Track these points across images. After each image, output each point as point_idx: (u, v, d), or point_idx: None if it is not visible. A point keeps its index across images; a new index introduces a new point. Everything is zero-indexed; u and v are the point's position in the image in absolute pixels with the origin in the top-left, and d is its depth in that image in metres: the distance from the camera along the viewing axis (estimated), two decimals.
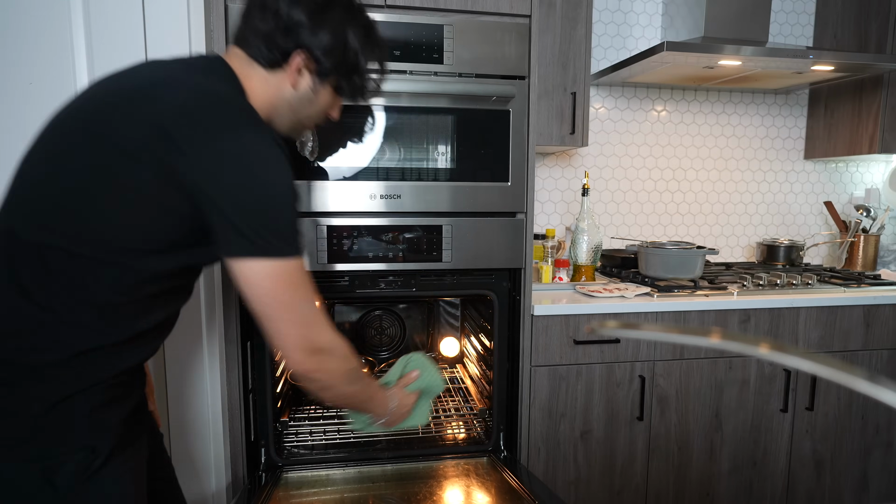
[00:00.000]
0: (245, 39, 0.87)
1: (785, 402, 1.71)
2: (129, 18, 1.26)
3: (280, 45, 0.85)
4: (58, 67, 1.24)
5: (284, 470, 1.41)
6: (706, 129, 2.26)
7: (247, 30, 0.87)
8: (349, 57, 0.89)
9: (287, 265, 0.77)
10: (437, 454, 1.48)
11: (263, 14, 0.85)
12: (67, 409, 0.72)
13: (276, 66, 0.86)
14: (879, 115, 1.99)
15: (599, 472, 1.63)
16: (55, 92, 1.24)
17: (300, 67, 0.87)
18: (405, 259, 1.39)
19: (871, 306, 1.72)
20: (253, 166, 0.74)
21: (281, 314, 0.79)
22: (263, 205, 0.75)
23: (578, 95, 1.77)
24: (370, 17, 0.93)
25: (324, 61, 0.87)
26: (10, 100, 1.22)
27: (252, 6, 0.87)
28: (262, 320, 0.79)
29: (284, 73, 0.87)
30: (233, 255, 0.75)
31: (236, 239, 0.74)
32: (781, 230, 2.37)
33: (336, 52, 0.87)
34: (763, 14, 1.92)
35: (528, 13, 1.40)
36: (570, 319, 1.55)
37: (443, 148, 1.39)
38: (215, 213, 0.74)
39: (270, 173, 0.75)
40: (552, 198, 2.17)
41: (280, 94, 0.88)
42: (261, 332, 0.82)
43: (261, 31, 0.85)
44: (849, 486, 1.81)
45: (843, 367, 0.30)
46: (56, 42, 1.23)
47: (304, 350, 0.82)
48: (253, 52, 0.86)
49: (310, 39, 0.85)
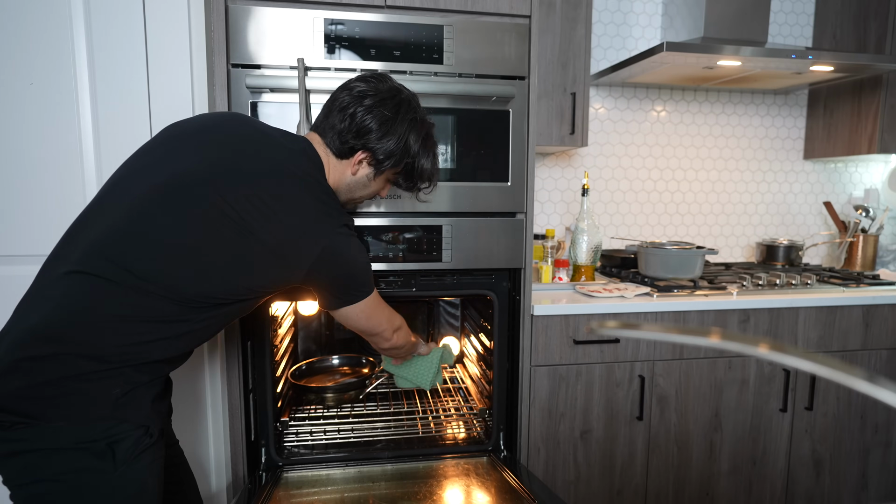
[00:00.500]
0: (324, 131, 1.08)
1: (784, 401, 1.71)
2: (130, 19, 1.26)
3: (350, 143, 1.06)
4: (58, 67, 1.24)
5: (285, 469, 1.41)
6: (706, 130, 2.27)
7: (326, 124, 1.08)
8: (407, 160, 1.10)
9: (370, 300, 1.12)
10: (437, 454, 1.49)
11: (343, 115, 1.05)
12: (139, 394, 0.88)
13: (344, 157, 1.08)
14: (878, 115, 1.99)
15: (599, 472, 1.63)
16: (55, 92, 1.24)
17: (361, 160, 1.08)
18: (405, 259, 1.39)
19: (870, 306, 1.73)
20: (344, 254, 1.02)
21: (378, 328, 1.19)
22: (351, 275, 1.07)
23: (578, 95, 1.77)
24: (430, 124, 1.14)
25: (384, 161, 1.08)
26: (11, 100, 1.23)
27: (335, 105, 1.07)
28: (362, 334, 1.20)
29: (349, 162, 1.08)
30: (334, 308, 1.10)
31: (337, 297, 1.08)
32: (781, 230, 2.37)
33: (395, 155, 1.08)
34: (762, 14, 1.92)
35: (528, 13, 1.40)
36: (570, 319, 1.55)
37: (443, 148, 1.39)
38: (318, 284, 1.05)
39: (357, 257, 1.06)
40: (552, 198, 2.18)
41: (342, 178, 1.10)
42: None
43: (337, 129, 1.06)
44: (848, 486, 1.81)
45: (842, 366, 0.30)
46: (56, 42, 1.23)
47: (392, 333, 1.22)
48: (328, 141, 1.07)
49: (375, 144, 1.06)
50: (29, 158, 1.24)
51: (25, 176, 1.25)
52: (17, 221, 1.25)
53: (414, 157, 1.10)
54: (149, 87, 1.28)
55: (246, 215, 0.90)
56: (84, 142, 1.27)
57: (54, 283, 0.86)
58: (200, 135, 0.97)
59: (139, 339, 0.86)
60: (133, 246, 0.86)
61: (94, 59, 1.25)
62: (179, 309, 0.89)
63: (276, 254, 0.94)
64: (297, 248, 0.96)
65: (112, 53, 1.26)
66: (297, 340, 1.94)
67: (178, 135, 0.97)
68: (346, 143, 1.06)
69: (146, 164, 0.94)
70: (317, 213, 0.98)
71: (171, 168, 0.91)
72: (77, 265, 0.85)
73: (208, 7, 1.30)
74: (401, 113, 1.07)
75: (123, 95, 1.27)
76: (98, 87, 1.26)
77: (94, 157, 1.27)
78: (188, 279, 0.88)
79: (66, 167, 1.26)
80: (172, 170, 0.91)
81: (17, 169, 1.24)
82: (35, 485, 0.82)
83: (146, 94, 1.28)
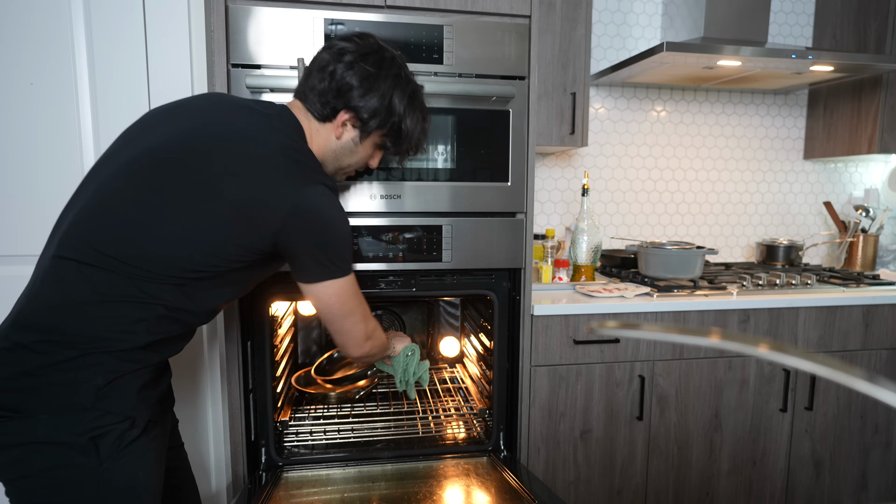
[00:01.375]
0: (304, 95, 1.02)
1: (784, 401, 1.71)
2: (130, 19, 1.26)
3: (331, 103, 1.00)
4: (58, 67, 1.24)
5: (285, 469, 1.41)
6: (706, 130, 2.27)
7: (307, 86, 1.01)
8: (393, 120, 1.02)
9: (350, 280, 1.01)
10: (437, 454, 1.49)
11: (322, 74, 0.99)
12: (123, 384, 0.85)
13: (327, 120, 1.01)
14: (878, 115, 1.99)
15: (599, 472, 1.63)
16: (55, 92, 1.24)
17: (345, 122, 1.01)
18: (405, 259, 1.39)
19: (870, 306, 1.73)
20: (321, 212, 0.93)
21: (352, 319, 1.05)
22: (329, 240, 0.95)
23: (578, 95, 1.77)
24: (417, 85, 1.07)
25: (368, 121, 1.01)
26: (11, 100, 1.23)
27: (314, 66, 1.01)
28: (332, 326, 1.05)
29: (332, 126, 1.02)
30: (311, 280, 0.98)
31: (311, 269, 0.96)
32: (781, 230, 2.37)
33: (380, 114, 1.01)
34: (762, 14, 1.92)
35: (528, 13, 1.40)
36: (570, 319, 1.55)
37: (443, 148, 1.39)
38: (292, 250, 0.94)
39: (335, 217, 0.95)
40: (552, 198, 2.18)
41: (327, 144, 1.03)
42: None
43: (317, 89, 1.00)
44: (848, 486, 1.81)
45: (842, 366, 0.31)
46: (56, 42, 1.23)
47: (364, 339, 1.08)
48: (309, 105, 1.01)
49: (357, 101, 0.99)
50: (29, 159, 1.24)
51: (25, 176, 1.25)
52: (16, 221, 1.25)
53: (401, 118, 1.03)
54: (149, 87, 1.28)
55: (213, 178, 0.86)
56: (84, 142, 1.27)
57: (37, 271, 0.87)
58: (174, 110, 0.95)
59: (114, 323, 0.83)
60: (98, 224, 0.84)
61: (94, 59, 1.25)
62: (151, 287, 0.85)
63: (243, 213, 0.87)
64: (266, 205, 0.88)
65: (112, 53, 1.26)
66: (297, 340, 1.94)
67: (155, 113, 0.96)
68: (327, 105, 1.00)
69: (122, 144, 0.92)
70: (288, 168, 0.91)
71: (142, 143, 0.89)
72: (56, 250, 0.85)
73: (208, 7, 1.29)
74: (384, 69, 1.00)
75: (123, 95, 1.27)
76: (98, 87, 1.26)
77: (94, 157, 1.27)
78: (153, 250, 0.85)
79: (66, 167, 1.26)
80: (143, 144, 0.89)
81: (17, 169, 1.24)
82: (23, 480, 0.81)
83: (146, 94, 1.28)
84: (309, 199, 0.91)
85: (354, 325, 1.06)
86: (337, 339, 1.08)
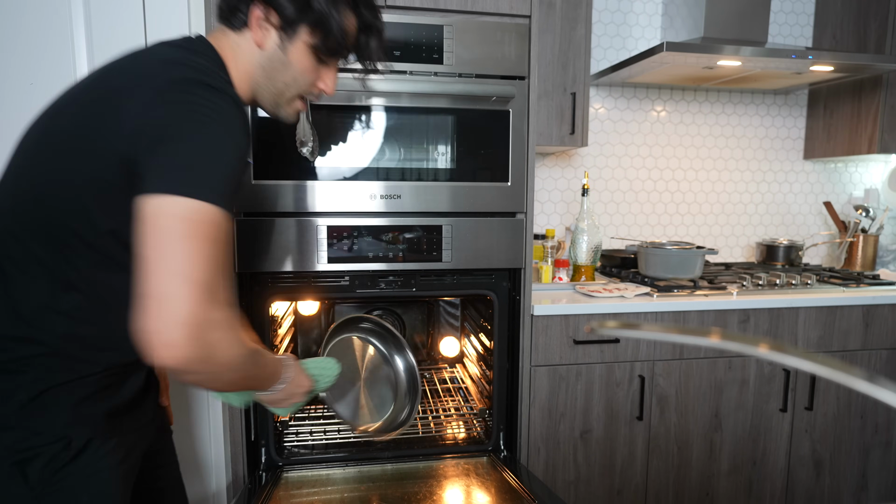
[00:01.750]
0: (218, 7, 0.82)
1: (784, 401, 1.71)
2: (130, 19, 1.26)
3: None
4: (58, 67, 1.24)
5: (285, 469, 1.41)
6: (706, 130, 2.27)
7: None
8: (315, 4, 0.79)
9: (203, 209, 0.65)
10: (437, 454, 1.49)
11: None
12: (54, 397, 0.72)
13: (242, 25, 0.80)
14: (878, 115, 1.99)
15: (599, 472, 1.63)
16: (55, 92, 1.24)
17: (260, 20, 0.79)
18: (405, 259, 1.39)
19: (870, 306, 1.73)
20: (197, 115, 0.68)
21: (174, 264, 0.63)
22: (196, 147, 0.67)
23: (578, 95, 1.77)
24: None
25: (284, 10, 0.79)
26: (11, 100, 1.22)
27: None
28: (144, 273, 0.64)
29: (249, 33, 0.81)
30: (151, 190, 0.65)
31: (157, 175, 0.65)
32: (781, 230, 2.37)
33: (296, 1, 0.79)
34: (762, 14, 1.92)
35: (528, 13, 1.40)
36: (570, 319, 1.55)
37: (443, 148, 1.39)
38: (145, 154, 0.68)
39: (214, 123, 0.68)
40: (552, 198, 2.18)
41: (252, 60, 0.82)
42: None
43: None
44: (848, 486, 1.81)
45: (842, 366, 0.31)
46: (56, 42, 1.23)
47: (190, 324, 0.63)
48: (221, 15, 0.81)
49: None
50: None
51: None
52: None
53: (326, 4, 0.80)
54: None
55: (86, 120, 0.72)
56: None
57: None
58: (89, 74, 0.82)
59: (29, 316, 0.71)
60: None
61: (94, 59, 1.25)
62: (45, 256, 0.71)
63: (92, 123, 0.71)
64: (115, 109, 0.70)
65: (112, 53, 1.25)
66: (297, 340, 1.94)
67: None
68: (234, 2, 0.80)
69: None
70: (156, 68, 0.72)
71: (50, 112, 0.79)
72: None
73: (208, 7, 1.29)
74: None
75: None
76: None
77: None
78: (29, 200, 0.72)
79: None
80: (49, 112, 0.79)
81: None
82: None
83: None
84: (169, 91, 0.70)
85: (180, 281, 0.67)
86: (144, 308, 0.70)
